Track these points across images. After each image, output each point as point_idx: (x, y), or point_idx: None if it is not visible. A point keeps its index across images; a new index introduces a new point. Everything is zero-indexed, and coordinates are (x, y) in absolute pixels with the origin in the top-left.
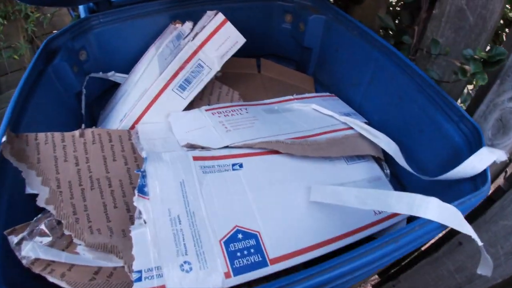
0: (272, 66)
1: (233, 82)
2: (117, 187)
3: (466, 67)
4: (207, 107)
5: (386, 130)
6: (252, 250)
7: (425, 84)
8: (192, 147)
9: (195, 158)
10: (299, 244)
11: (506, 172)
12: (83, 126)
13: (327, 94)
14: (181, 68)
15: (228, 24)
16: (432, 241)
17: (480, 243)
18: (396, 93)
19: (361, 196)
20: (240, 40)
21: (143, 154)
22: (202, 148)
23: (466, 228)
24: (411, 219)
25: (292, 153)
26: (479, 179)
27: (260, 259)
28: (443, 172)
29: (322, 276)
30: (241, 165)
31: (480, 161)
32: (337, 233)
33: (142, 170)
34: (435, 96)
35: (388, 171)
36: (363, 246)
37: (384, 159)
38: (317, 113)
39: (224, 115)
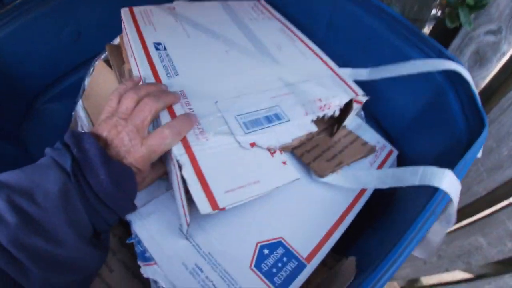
0: None
1: None
2: None
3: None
4: None
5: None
6: (284, 259)
7: (396, 22)
8: None
9: None
10: (322, 229)
11: None
12: None
13: None
14: None
15: None
16: None
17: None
18: (362, 36)
19: (381, 177)
20: None
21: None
22: None
23: (457, 200)
24: None
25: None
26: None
27: (296, 263)
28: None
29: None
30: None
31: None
32: (348, 202)
33: (132, 237)
34: (408, 33)
35: (362, 113)
36: (409, 231)
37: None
38: None
39: None
